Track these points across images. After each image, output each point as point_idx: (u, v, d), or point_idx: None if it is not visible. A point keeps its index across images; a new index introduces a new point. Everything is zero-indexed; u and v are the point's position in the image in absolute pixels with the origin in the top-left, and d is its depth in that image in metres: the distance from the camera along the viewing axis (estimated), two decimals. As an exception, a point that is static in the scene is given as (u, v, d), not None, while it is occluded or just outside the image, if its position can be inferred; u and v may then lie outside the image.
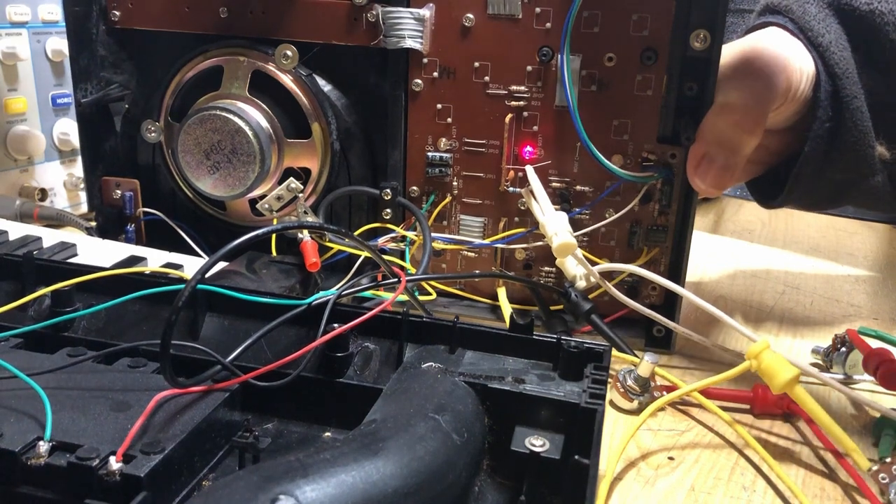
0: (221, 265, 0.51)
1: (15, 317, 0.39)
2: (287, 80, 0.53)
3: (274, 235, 0.54)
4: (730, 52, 0.49)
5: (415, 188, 0.54)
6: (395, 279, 0.41)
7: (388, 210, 0.54)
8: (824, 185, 0.53)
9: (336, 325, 0.36)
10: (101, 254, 0.54)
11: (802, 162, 0.51)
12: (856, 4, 0.51)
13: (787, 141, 0.53)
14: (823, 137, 0.50)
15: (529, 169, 0.50)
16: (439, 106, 0.52)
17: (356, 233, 0.51)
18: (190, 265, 0.52)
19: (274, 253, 0.55)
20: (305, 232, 0.52)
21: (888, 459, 0.37)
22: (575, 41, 0.48)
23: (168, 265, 0.51)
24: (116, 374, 0.34)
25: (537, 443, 0.32)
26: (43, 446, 0.28)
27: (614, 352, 0.46)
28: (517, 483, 0.32)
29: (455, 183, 0.53)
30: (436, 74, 0.51)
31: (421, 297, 0.53)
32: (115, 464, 0.27)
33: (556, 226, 0.48)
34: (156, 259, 0.53)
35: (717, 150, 0.46)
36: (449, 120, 0.52)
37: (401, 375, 0.35)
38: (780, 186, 0.53)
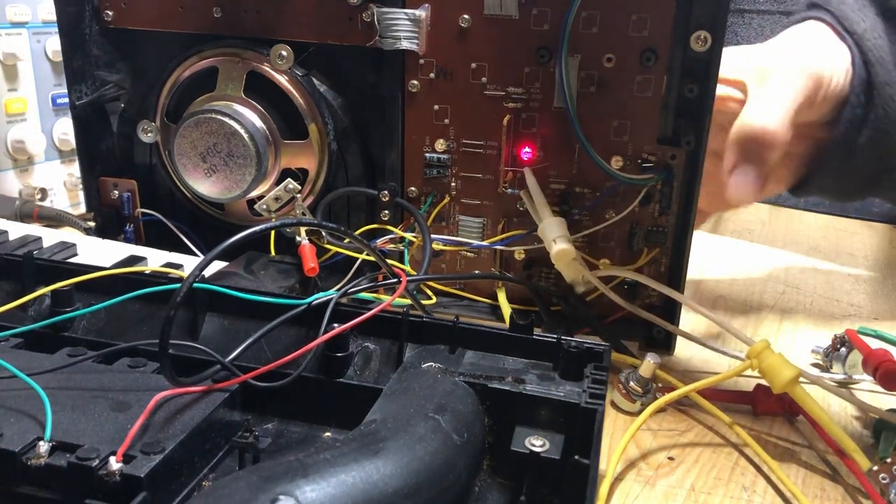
0: (221, 266, 0.51)
1: (15, 317, 0.39)
2: (283, 80, 0.53)
3: (273, 235, 0.54)
4: (761, 53, 0.49)
5: (413, 189, 0.54)
6: (396, 279, 0.41)
7: (387, 211, 0.54)
8: (853, 173, 0.53)
9: (336, 324, 0.36)
10: (100, 254, 0.54)
11: (831, 145, 0.51)
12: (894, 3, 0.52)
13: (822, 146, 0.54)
14: (854, 122, 0.50)
15: (528, 173, 0.50)
16: (436, 107, 0.52)
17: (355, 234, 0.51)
18: (190, 265, 0.52)
19: (273, 253, 0.54)
20: (304, 235, 0.52)
21: (888, 460, 0.38)
22: (573, 42, 0.48)
23: (168, 265, 0.51)
24: (116, 374, 0.34)
25: (537, 443, 0.32)
26: (43, 446, 0.28)
27: (614, 354, 0.46)
28: (517, 483, 0.32)
29: (453, 184, 0.53)
30: (432, 75, 0.51)
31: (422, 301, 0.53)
32: (115, 464, 0.27)
33: (554, 233, 0.48)
34: (156, 259, 0.53)
35: (745, 158, 0.47)
36: (446, 121, 0.52)
37: (401, 375, 0.35)
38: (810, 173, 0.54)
